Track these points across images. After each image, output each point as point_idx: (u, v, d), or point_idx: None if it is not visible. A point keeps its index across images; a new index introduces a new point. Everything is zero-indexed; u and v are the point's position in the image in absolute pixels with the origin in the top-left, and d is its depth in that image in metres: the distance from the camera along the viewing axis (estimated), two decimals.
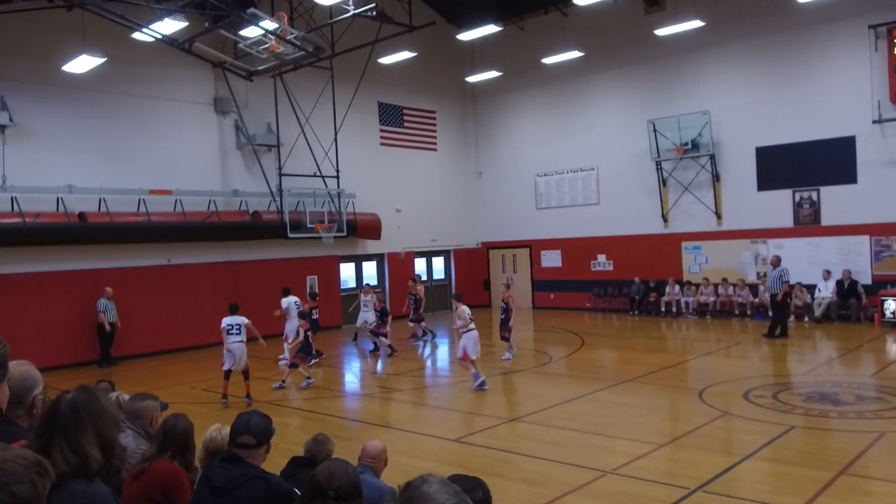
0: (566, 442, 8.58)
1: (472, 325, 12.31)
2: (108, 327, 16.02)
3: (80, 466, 2.34)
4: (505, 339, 14.87)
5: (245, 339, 11.58)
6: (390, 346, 16.06)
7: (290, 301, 15.51)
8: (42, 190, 15.63)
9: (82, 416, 2.44)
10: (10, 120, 15.29)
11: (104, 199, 16.36)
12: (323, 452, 4.82)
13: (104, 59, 14.97)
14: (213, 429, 4.45)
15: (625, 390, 11.43)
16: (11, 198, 15.12)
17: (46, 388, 3.25)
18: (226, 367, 11.61)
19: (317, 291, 17.82)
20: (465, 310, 12.37)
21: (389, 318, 16.62)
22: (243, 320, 11.61)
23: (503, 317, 14.79)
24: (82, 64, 15.00)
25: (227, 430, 4.18)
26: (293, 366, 12.92)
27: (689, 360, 14.45)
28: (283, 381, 12.87)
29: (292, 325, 14.81)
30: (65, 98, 16.32)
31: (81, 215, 15.94)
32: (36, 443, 2.36)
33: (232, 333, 11.51)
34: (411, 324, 18.25)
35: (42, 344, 15.28)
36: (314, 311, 15.08)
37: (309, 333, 13.10)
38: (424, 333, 18.05)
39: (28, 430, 2.96)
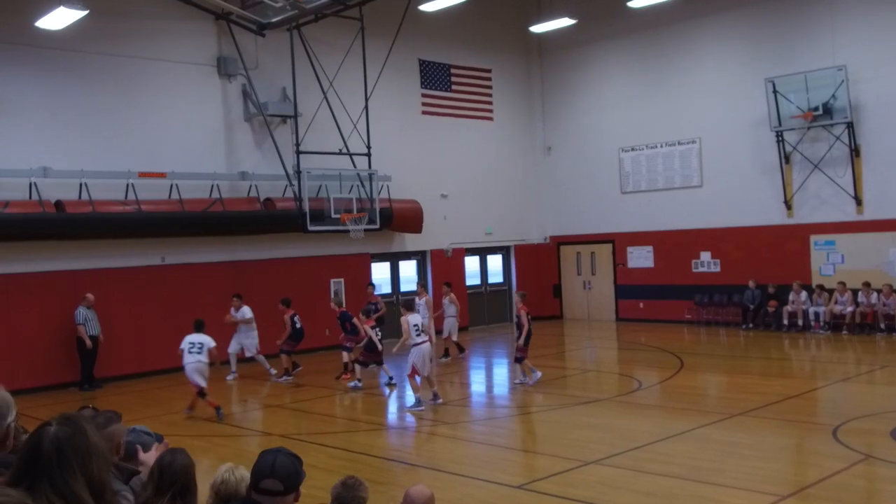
0: (662, 491, 8.53)
1: (424, 338, 13.46)
2: (88, 343, 16.46)
3: None
4: (519, 360, 15.03)
5: (206, 360, 13.28)
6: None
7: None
8: (11, 173, 16.15)
9: (68, 455, 2.50)
10: None
11: (85, 183, 16.82)
12: (354, 500, 4.88)
13: (85, 13, 15.34)
14: (224, 469, 4.52)
15: (736, 426, 11.29)
16: None
17: (19, 414, 3.37)
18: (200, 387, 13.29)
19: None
20: (411, 319, 13.51)
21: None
22: (207, 340, 13.40)
23: (518, 333, 15.06)
24: (59, 18, 15.42)
25: (242, 470, 4.26)
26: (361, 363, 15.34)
27: (819, 388, 14.22)
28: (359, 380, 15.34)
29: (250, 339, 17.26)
30: (38, 61, 16.82)
31: (58, 204, 16.43)
32: (16, 488, 2.44)
33: (192, 352, 13.27)
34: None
35: (11, 361, 15.79)
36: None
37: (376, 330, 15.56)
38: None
39: (3, 464, 3.07)
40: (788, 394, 13.22)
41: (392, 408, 14.78)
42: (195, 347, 13.32)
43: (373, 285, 19.59)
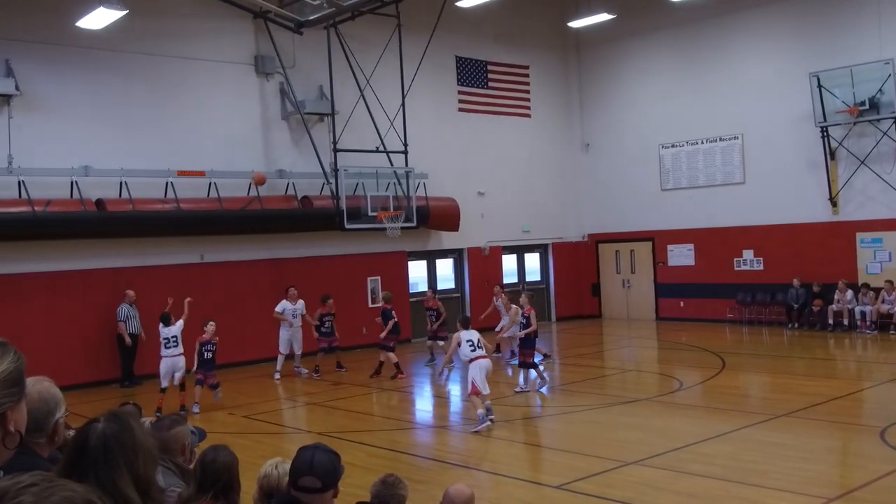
0: (703, 493, 8.49)
1: (481, 352, 12.22)
2: (128, 340, 16.73)
3: None
4: (528, 364, 14.68)
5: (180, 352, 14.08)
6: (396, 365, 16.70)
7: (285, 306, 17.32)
8: (53, 172, 16.47)
9: (115, 452, 2.56)
10: (17, 88, 16.16)
11: (125, 182, 17.10)
12: (394, 498, 4.93)
13: (125, 13, 15.60)
14: (269, 463, 4.63)
15: (780, 427, 11.19)
16: (19, 182, 16.00)
17: (68, 410, 3.45)
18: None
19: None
20: (464, 335, 12.36)
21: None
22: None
23: (524, 335, 14.65)
24: (99, 18, 15.69)
25: (287, 465, 4.33)
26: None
27: (866, 389, 14.05)
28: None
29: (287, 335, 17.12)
30: (79, 61, 17.13)
31: (99, 202, 16.72)
32: None
33: (170, 347, 14.03)
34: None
35: (54, 358, 16.02)
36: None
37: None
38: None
39: (50, 460, 3.15)
40: (834, 395, 13.05)
41: (425, 406, 14.84)
42: (171, 342, 14.02)
43: (433, 289, 19.58)
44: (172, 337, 14.03)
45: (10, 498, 1.51)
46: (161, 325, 14.28)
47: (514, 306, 15.76)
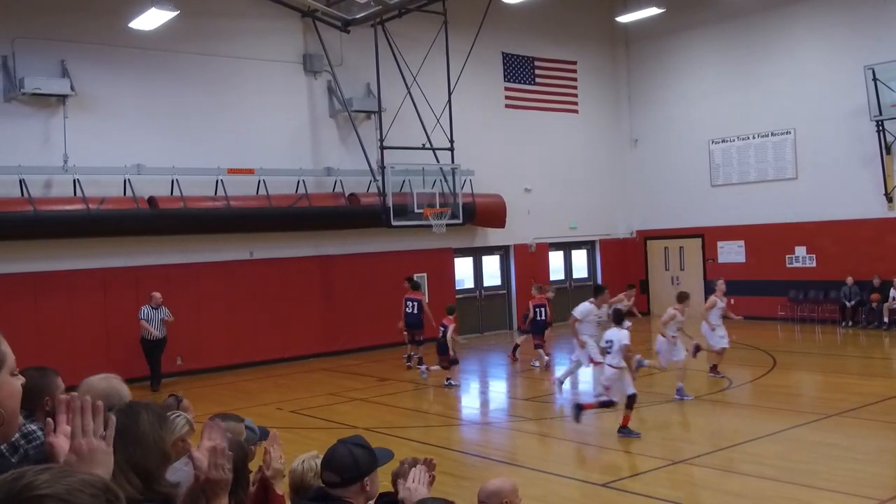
0: (753, 493, 8.39)
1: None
2: (153, 334, 16.22)
3: None
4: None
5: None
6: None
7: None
8: (107, 171, 16.80)
9: (114, 442, 2.65)
10: (72, 89, 16.50)
11: (177, 180, 17.39)
12: None
13: (176, 13, 15.86)
14: (298, 459, 4.66)
15: (832, 427, 11.05)
16: (74, 180, 16.35)
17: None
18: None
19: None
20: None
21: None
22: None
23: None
24: (151, 19, 15.98)
25: (314, 461, 4.37)
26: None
27: None
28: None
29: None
30: (132, 61, 17.45)
31: (151, 200, 17.02)
32: None
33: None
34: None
35: (108, 353, 16.42)
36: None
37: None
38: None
39: None
40: (888, 394, 12.77)
41: (473, 402, 14.86)
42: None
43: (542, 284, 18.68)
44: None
45: (29, 478, 1.55)
46: None
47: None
